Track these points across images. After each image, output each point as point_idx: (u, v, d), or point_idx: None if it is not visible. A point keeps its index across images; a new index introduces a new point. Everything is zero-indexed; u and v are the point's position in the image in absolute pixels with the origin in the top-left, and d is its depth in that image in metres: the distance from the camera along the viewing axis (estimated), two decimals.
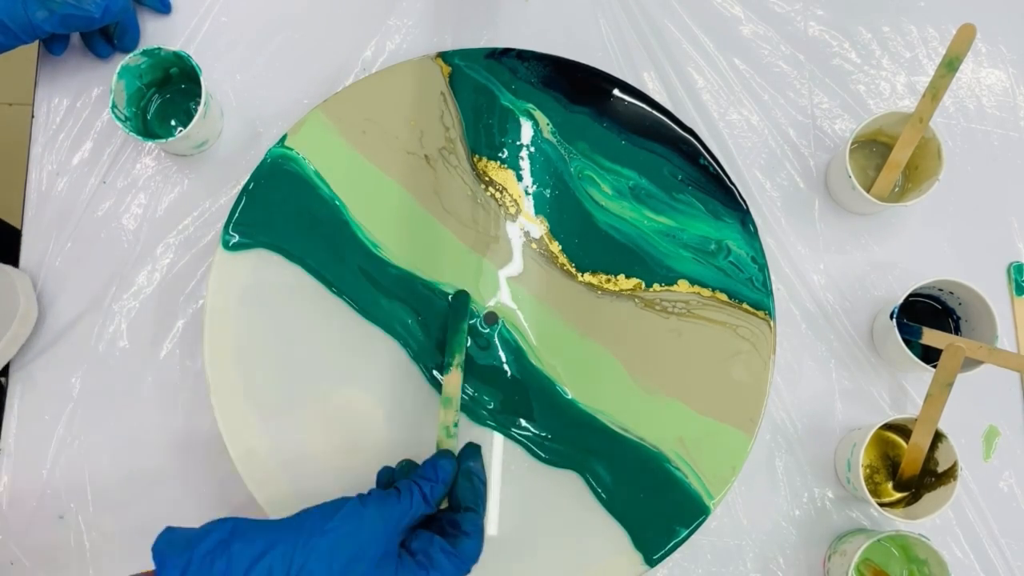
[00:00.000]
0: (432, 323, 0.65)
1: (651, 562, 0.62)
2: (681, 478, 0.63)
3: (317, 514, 0.50)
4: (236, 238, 0.65)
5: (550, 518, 0.63)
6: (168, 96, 0.70)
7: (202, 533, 0.48)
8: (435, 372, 0.65)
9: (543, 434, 0.64)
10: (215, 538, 0.47)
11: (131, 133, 0.65)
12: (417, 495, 0.53)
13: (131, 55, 0.66)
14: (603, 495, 0.63)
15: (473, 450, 0.60)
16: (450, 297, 0.65)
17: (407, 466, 0.58)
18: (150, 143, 0.67)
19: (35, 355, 0.68)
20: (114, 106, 0.65)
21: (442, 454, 0.58)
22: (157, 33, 0.72)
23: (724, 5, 0.73)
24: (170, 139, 0.65)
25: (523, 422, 0.64)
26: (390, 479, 0.57)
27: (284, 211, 0.66)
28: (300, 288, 0.65)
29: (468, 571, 0.54)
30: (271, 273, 0.65)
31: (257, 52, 0.72)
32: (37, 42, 0.68)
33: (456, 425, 0.61)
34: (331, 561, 0.48)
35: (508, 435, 0.64)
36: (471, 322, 0.65)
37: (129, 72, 0.66)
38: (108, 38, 0.71)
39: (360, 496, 0.52)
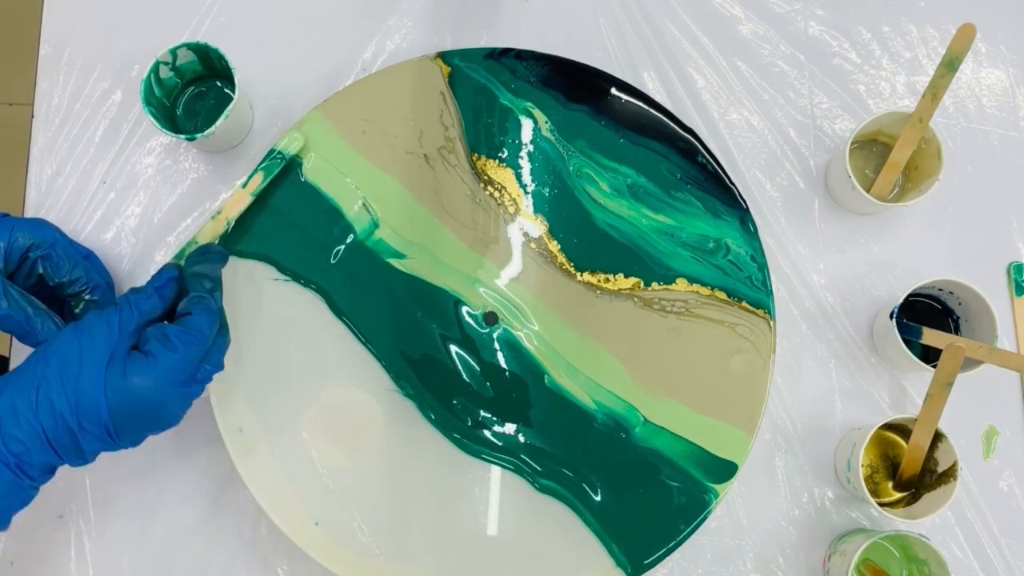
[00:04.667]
0: (431, 321, 0.65)
1: (649, 563, 0.62)
2: (680, 477, 0.63)
3: (41, 352, 0.54)
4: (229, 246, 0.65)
5: (539, 536, 0.63)
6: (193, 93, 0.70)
7: None
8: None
9: (537, 444, 0.64)
10: None
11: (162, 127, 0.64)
12: (133, 299, 0.56)
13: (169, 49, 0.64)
14: (596, 502, 0.63)
15: (199, 255, 0.60)
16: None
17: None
18: (179, 138, 0.65)
19: None
20: (147, 101, 0.64)
21: (165, 266, 0.60)
22: (157, 32, 0.72)
23: (724, 5, 0.73)
24: (206, 134, 0.64)
25: (518, 432, 0.64)
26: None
27: (281, 213, 0.66)
28: (293, 297, 0.65)
29: (199, 344, 0.55)
30: (265, 283, 0.65)
31: (257, 52, 0.72)
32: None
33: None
34: (63, 382, 0.52)
35: (503, 465, 0.64)
36: (470, 321, 0.65)
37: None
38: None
39: (76, 323, 0.55)
